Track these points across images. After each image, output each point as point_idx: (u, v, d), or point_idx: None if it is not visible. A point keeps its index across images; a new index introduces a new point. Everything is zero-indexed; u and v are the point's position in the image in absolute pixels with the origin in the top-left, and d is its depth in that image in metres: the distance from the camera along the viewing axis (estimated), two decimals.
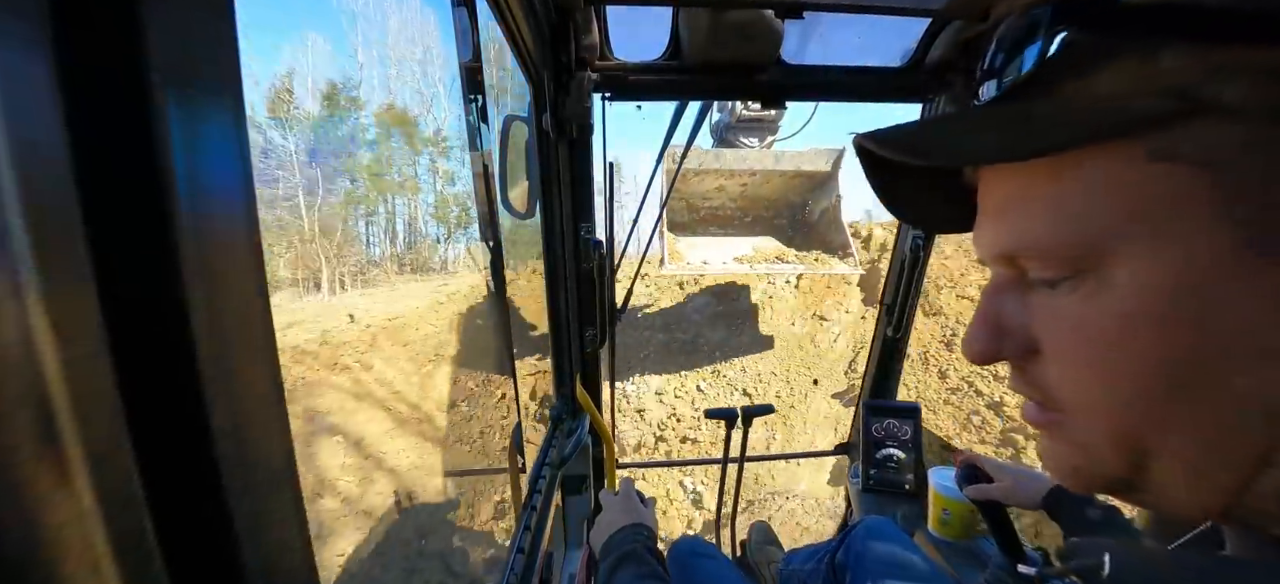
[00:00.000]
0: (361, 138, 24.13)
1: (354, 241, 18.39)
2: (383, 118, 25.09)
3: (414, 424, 5.05)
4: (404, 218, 22.12)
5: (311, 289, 12.80)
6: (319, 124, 23.28)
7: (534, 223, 1.19)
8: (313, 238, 15.04)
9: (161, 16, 0.17)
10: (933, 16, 1.06)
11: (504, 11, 0.79)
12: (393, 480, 4.03)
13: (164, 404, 0.19)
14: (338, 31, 32.69)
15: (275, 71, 25.24)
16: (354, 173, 22.18)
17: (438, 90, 28.11)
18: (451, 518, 3.86)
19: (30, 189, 0.15)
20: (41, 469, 0.15)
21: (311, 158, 20.75)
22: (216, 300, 0.20)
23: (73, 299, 0.16)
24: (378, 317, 7.97)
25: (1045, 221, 0.24)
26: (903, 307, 1.44)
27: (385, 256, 20.11)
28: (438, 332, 7.89)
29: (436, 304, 8.83)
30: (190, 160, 0.19)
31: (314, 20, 43.06)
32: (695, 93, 1.24)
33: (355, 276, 14.55)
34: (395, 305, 8.80)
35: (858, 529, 1.06)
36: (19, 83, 0.15)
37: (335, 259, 14.25)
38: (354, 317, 7.86)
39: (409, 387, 5.89)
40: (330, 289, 13.01)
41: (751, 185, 4.43)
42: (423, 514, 3.81)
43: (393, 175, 22.81)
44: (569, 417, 1.37)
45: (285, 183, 18.61)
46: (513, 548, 0.92)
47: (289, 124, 21.26)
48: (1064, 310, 0.24)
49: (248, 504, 0.22)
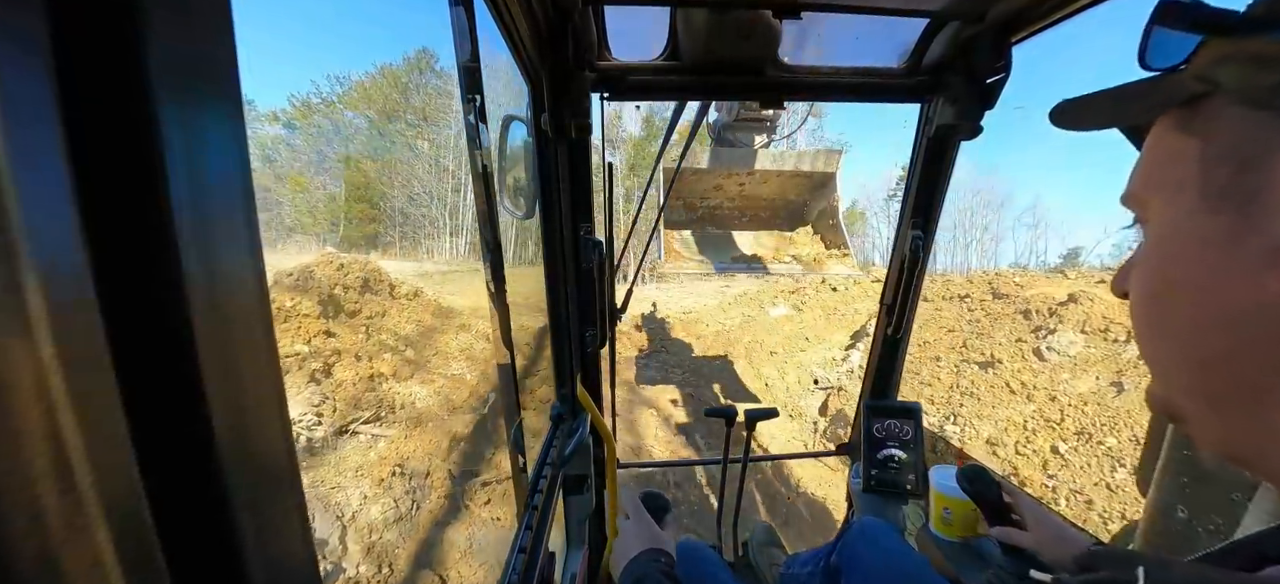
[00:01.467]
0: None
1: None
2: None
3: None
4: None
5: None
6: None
7: (534, 222, 1.19)
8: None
9: (161, 16, 0.18)
10: (931, 17, 1.06)
11: (502, 11, 0.79)
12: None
13: (164, 405, 0.19)
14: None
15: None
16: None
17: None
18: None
19: (30, 189, 0.15)
20: (42, 470, 0.15)
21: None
22: (217, 300, 0.20)
23: (73, 299, 0.16)
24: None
25: (1134, 175, 0.30)
26: (903, 306, 1.44)
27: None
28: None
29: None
30: (190, 160, 0.19)
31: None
32: (693, 93, 1.25)
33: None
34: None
35: (852, 531, 1.06)
36: (19, 83, 0.15)
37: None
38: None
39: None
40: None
41: (749, 185, 4.45)
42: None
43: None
44: (569, 417, 1.37)
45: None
46: (513, 548, 0.92)
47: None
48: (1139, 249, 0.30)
49: (249, 504, 0.22)
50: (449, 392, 5.56)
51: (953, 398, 5.82)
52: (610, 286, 1.35)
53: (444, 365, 6.20)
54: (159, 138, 0.18)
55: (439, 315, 7.53)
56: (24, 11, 0.15)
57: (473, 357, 6.56)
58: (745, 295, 10.81)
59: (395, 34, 45.51)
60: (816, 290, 9.98)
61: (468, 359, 6.50)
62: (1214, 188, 0.24)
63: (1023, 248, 37.76)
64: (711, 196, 4.78)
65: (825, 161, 4.37)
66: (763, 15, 0.99)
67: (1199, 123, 0.25)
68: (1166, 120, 0.27)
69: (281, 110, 26.82)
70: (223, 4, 0.20)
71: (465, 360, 6.44)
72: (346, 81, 26.53)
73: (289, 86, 29.84)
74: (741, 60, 1.12)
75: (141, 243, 0.18)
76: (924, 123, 1.29)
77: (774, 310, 9.25)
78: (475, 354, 6.64)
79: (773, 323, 8.81)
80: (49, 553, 0.15)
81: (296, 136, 26.47)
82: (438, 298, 8.02)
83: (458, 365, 6.26)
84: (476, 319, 7.62)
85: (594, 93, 1.09)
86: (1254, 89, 0.23)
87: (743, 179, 4.48)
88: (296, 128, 26.51)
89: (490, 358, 6.38)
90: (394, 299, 7.38)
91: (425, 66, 26.56)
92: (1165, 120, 0.28)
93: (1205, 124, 0.25)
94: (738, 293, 11.18)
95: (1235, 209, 0.24)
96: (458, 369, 6.16)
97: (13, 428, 0.14)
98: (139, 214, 0.18)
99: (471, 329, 7.31)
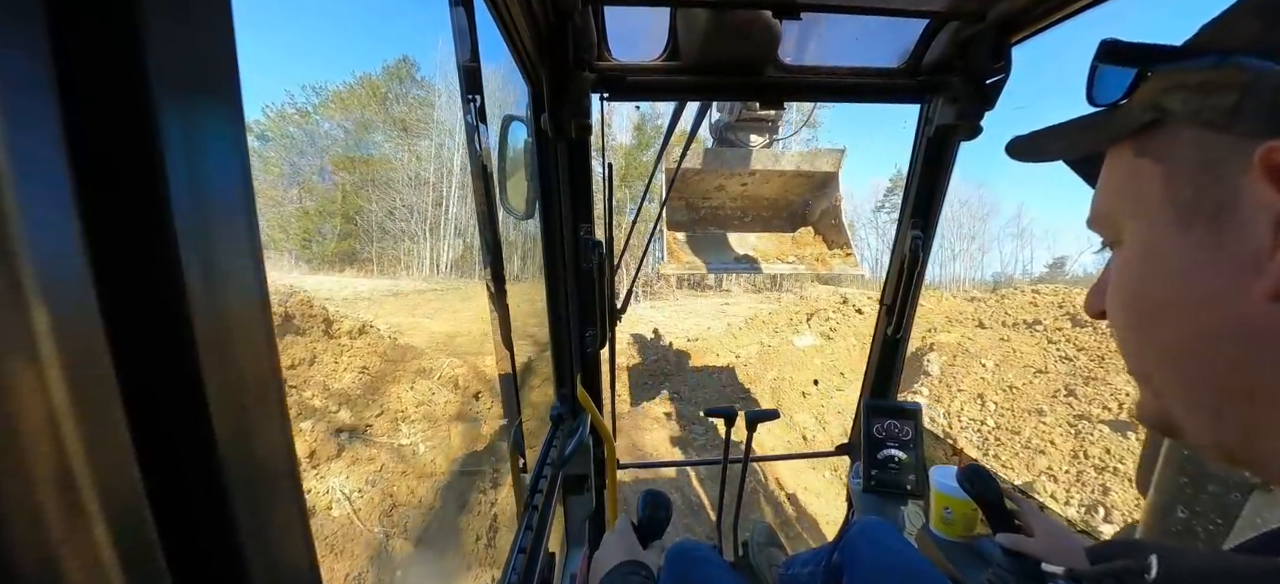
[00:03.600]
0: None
1: None
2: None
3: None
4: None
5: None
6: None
7: (533, 222, 1.19)
8: None
9: (161, 16, 0.18)
10: (931, 17, 1.06)
11: (502, 11, 0.80)
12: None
13: (165, 405, 0.19)
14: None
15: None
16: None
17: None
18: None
19: (30, 189, 0.15)
20: (43, 470, 0.15)
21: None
22: (217, 300, 0.20)
23: (73, 300, 0.16)
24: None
25: (1097, 201, 0.32)
26: (902, 306, 1.44)
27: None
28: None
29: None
30: (190, 160, 0.19)
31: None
32: (693, 93, 1.25)
33: None
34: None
35: (853, 530, 1.06)
36: (19, 84, 0.15)
37: None
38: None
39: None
40: None
41: (752, 185, 4.46)
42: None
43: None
44: (569, 417, 1.37)
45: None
46: (514, 548, 0.92)
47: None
48: (1112, 269, 0.32)
49: (249, 504, 0.22)
50: (395, 480, 3.82)
51: (1085, 472, 4.16)
52: (610, 287, 1.35)
53: (390, 432, 4.32)
54: (159, 138, 0.18)
55: (391, 360, 5.49)
56: (24, 12, 0.15)
57: (435, 414, 4.75)
58: (756, 319, 9.23)
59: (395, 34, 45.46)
60: (842, 313, 8.17)
61: (428, 420, 4.59)
62: (1182, 207, 0.26)
63: (1008, 258, 37.05)
64: (713, 196, 4.77)
65: (828, 161, 4.37)
66: (763, 15, 0.99)
67: (1156, 147, 0.27)
68: (1122, 148, 0.30)
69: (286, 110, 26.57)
70: (223, 4, 0.20)
71: (424, 423, 4.48)
72: (346, 84, 26.32)
73: (291, 83, 29.34)
74: (741, 60, 1.12)
75: (141, 243, 0.18)
76: (924, 123, 1.29)
77: (801, 340, 7.81)
78: (442, 409, 4.84)
79: (799, 355, 7.39)
80: (50, 553, 0.15)
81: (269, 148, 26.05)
82: (397, 330, 6.32)
83: (411, 432, 4.26)
84: (450, 352, 5.83)
85: (594, 93, 1.09)
86: (1207, 112, 0.25)
87: (745, 179, 4.47)
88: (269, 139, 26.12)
89: (461, 412, 4.93)
90: (330, 339, 5.50)
91: (405, 75, 26.28)
92: (1121, 147, 0.30)
93: (1163, 148, 0.27)
94: (747, 316, 9.64)
95: (1206, 224, 0.25)
96: (410, 437, 4.18)
97: (14, 428, 0.14)
98: (139, 215, 0.18)
99: (435, 373, 5.28)
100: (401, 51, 28.20)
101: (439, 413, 4.64)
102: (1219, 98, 0.24)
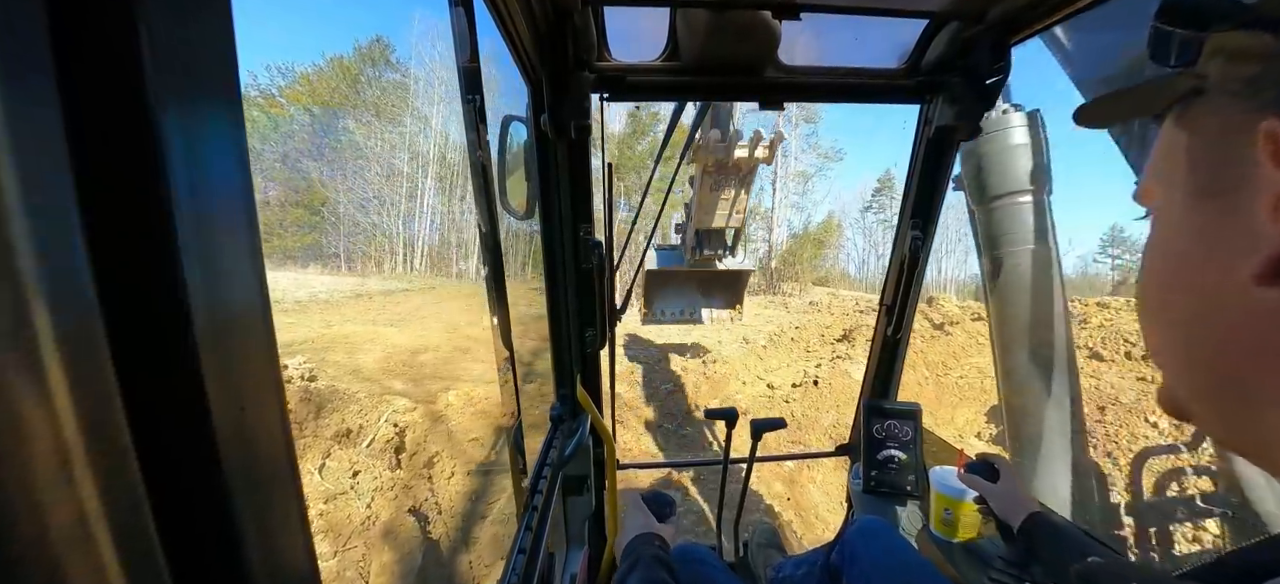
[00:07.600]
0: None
1: None
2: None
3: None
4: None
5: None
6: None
7: (533, 222, 1.19)
8: None
9: (160, 15, 0.18)
10: (930, 17, 1.06)
11: (501, 12, 0.80)
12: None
13: (165, 405, 0.19)
14: None
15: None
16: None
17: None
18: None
19: (30, 189, 0.15)
20: (44, 470, 0.15)
21: None
22: (217, 300, 0.20)
23: (73, 299, 0.16)
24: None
25: (1144, 170, 0.30)
26: (902, 307, 1.43)
27: None
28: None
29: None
30: (190, 160, 0.19)
31: None
32: (693, 93, 1.25)
33: None
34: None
35: (852, 530, 1.06)
36: (19, 84, 0.15)
37: None
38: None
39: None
40: None
41: None
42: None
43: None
44: (569, 417, 1.37)
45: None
46: (514, 549, 0.92)
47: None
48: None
49: (249, 504, 0.22)
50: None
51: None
52: (610, 287, 1.35)
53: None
54: (159, 138, 0.18)
55: (314, 405, 3.86)
56: (24, 12, 0.15)
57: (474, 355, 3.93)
58: (782, 335, 7.48)
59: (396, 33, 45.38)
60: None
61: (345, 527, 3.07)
62: (1201, 180, 0.24)
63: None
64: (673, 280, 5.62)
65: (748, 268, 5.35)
66: (762, 16, 1.00)
67: (1189, 118, 0.26)
68: (1171, 116, 0.28)
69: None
70: (223, 4, 0.20)
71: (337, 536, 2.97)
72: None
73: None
74: (741, 61, 1.12)
75: (142, 243, 0.18)
76: (923, 123, 1.30)
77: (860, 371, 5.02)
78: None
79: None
80: (51, 553, 0.15)
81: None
82: (349, 343, 4.88)
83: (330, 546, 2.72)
84: (411, 377, 4.69)
85: (594, 93, 1.10)
86: (1231, 81, 0.23)
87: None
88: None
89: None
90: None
91: (380, 57, 25.98)
92: (1170, 115, 0.28)
93: (1195, 119, 0.25)
94: (769, 331, 7.69)
95: (1220, 200, 0.23)
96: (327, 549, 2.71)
97: (14, 428, 0.14)
98: (139, 214, 0.18)
99: (365, 436, 3.81)
100: (390, 40, 27.81)
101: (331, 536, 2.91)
102: (1242, 67, 0.23)
